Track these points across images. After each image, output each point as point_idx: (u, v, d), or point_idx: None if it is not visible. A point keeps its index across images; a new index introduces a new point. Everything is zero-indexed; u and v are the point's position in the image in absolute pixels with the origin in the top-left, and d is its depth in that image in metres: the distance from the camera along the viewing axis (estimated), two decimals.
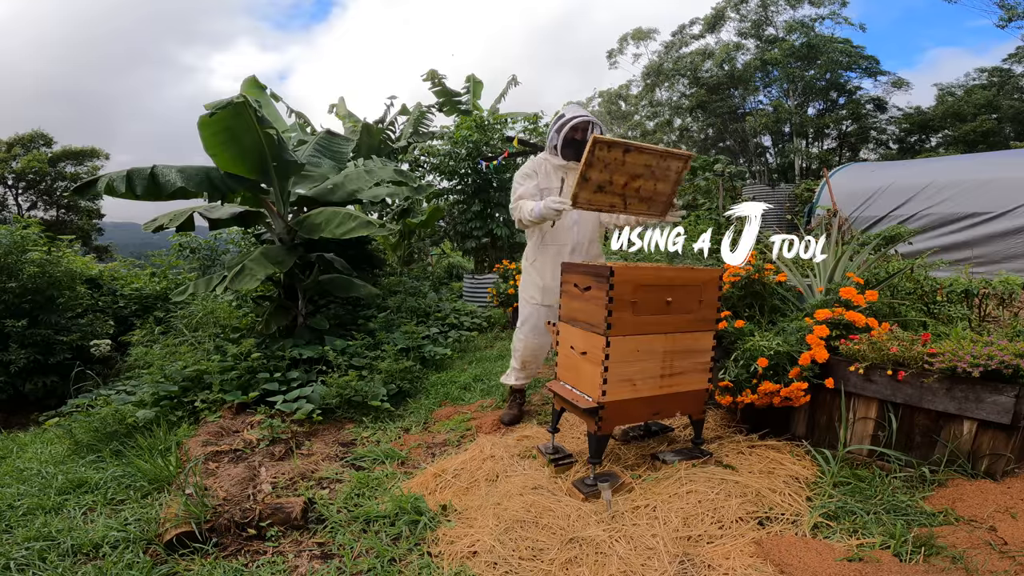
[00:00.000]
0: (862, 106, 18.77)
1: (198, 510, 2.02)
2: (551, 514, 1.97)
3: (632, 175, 2.39)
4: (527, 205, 2.77)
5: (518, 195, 2.87)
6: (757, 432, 2.55)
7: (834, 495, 1.96)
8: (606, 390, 2.11)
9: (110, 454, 2.82)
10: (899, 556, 1.60)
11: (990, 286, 2.94)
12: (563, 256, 2.88)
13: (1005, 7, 14.35)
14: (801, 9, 19.13)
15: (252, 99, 3.84)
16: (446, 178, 7.67)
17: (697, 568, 1.66)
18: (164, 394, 3.49)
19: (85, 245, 17.52)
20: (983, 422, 1.90)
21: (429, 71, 9.28)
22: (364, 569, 1.82)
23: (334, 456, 2.84)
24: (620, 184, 2.39)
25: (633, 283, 2.09)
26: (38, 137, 19.07)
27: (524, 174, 2.92)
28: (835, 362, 2.27)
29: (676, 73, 20.96)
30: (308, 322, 4.64)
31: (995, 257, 6.23)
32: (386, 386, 3.65)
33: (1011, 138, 14.86)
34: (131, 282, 6.46)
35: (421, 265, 8.51)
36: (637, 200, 2.50)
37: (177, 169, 3.85)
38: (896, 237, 4.84)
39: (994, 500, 1.77)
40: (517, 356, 3.11)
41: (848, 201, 7.55)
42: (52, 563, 1.90)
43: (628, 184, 2.41)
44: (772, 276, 2.86)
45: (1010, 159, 7.27)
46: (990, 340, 2.01)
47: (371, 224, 4.14)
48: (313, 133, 7.32)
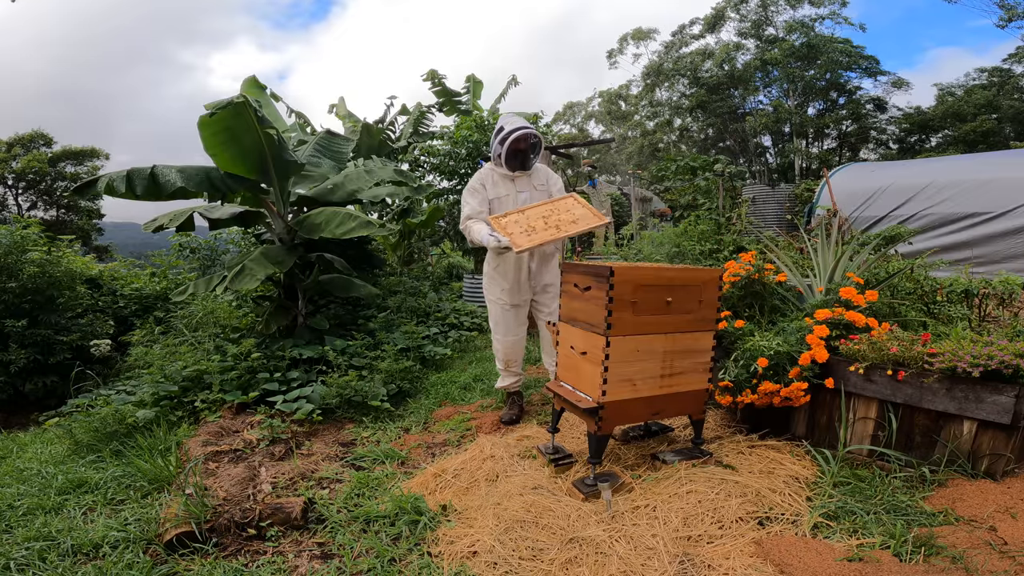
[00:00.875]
0: (862, 106, 18.79)
1: (198, 510, 2.02)
2: (551, 514, 1.97)
3: (542, 216, 2.69)
4: (476, 229, 2.92)
5: (466, 215, 3.01)
6: (757, 432, 2.55)
7: (834, 495, 1.96)
8: (606, 390, 2.11)
9: (110, 454, 2.82)
10: (899, 556, 1.60)
11: (990, 286, 2.93)
12: (523, 259, 3.01)
13: (1005, 7, 14.36)
14: (801, 9, 19.14)
15: (252, 99, 3.84)
16: (446, 178, 7.67)
17: (697, 568, 1.66)
18: (164, 394, 3.49)
19: (85, 245, 17.52)
20: (983, 422, 1.90)
21: (429, 71, 9.28)
22: (364, 569, 1.82)
23: (334, 456, 2.84)
24: (543, 223, 2.67)
25: (633, 283, 2.09)
26: (38, 137, 19.08)
27: (472, 189, 3.05)
28: (835, 362, 2.27)
29: (676, 73, 20.97)
30: (308, 322, 4.64)
31: (995, 257, 6.23)
32: (386, 386, 3.65)
33: (1011, 138, 14.87)
34: (131, 282, 6.45)
35: (421, 265, 8.51)
36: (569, 223, 2.73)
37: (177, 169, 3.85)
38: (896, 237, 4.84)
39: (994, 500, 1.77)
40: (499, 359, 3.22)
41: (848, 201, 7.55)
42: (52, 563, 1.90)
43: (548, 219, 2.71)
44: (772, 276, 2.86)
45: (1010, 159, 7.28)
46: (990, 340, 2.01)
47: (371, 224, 4.14)
48: (313, 133, 7.32)
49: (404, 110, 10.13)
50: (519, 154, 2.97)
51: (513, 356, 3.19)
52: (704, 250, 4.77)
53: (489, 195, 3.02)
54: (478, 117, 7.77)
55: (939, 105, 17.48)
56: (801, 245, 4.15)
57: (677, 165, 11.57)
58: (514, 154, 2.96)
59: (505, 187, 3.02)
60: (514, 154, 2.96)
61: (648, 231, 6.95)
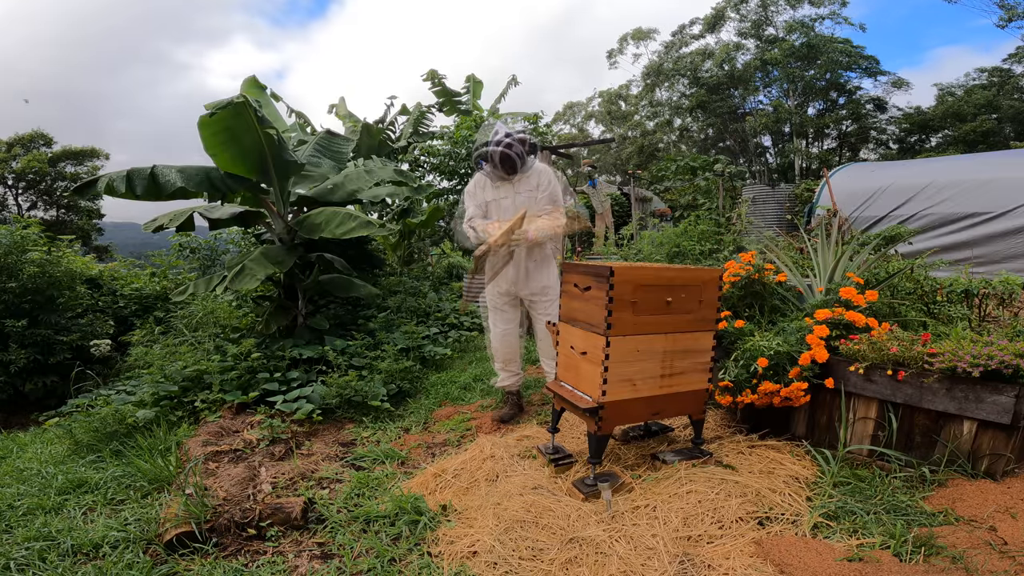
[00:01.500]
0: (862, 106, 18.79)
1: (198, 510, 2.02)
2: (551, 514, 1.97)
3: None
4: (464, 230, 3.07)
5: (469, 215, 3.11)
6: (757, 432, 2.55)
7: (834, 495, 1.96)
8: (606, 390, 2.11)
9: (110, 454, 2.82)
10: (899, 556, 1.60)
11: (990, 286, 2.93)
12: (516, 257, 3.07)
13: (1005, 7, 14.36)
14: (801, 9, 19.14)
15: (252, 99, 3.84)
16: (446, 178, 7.68)
17: (697, 568, 1.66)
18: (164, 394, 3.49)
19: (85, 245, 17.52)
20: (983, 422, 1.90)
21: (429, 71, 9.29)
22: (364, 569, 1.82)
23: (334, 456, 2.84)
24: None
25: (633, 283, 2.09)
26: (38, 137, 19.08)
27: (469, 193, 3.14)
28: (835, 362, 2.27)
29: (676, 73, 20.97)
30: (308, 322, 4.64)
31: (995, 257, 6.23)
32: (386, 386, 3.65)
33: (1011, 138, 14.87)
34: (131, 282, 6.45)
35: (421, 265, 8.51)
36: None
37: (177, 169, 3.85)
38: (896, 237, 4.84)
39: (994, 500, 1.77)
40: (497, 357, 3.25)
41: (848, 201, 7.55)
42: (52, 563, 1.89)
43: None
44: (772, 276, 2.86)
45: (1010, 159, 7.28)
46: (990, 340, 2.01)
47: (371, 224, 4.14)
48: (313, 133, 7.32)
49: (404, 110, 10.13)
50: (509, 159, 2.94)
51: (503, 352, 3.20)
52: (704, 250, 4.77)
53: (483, 198, 3.07)
54: (478, 117, 7.78)
55: (939, 105, 17.48)
56: (801, 245, 4.15)
57: (677, 165, 11.57)
58: (506, 159, 2.93)
59: (492, 192, 3.06)
60: (506, 159, 2.93)
61: (648, 231, 6.95)
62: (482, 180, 3.08)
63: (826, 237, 2.98)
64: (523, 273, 3.05)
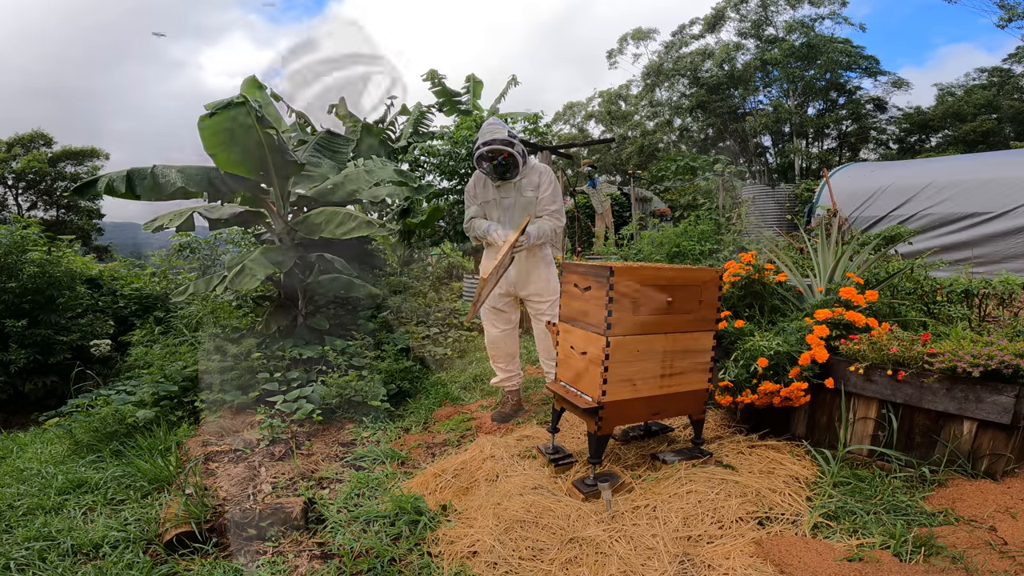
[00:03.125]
0: (862, 106, 18.79)
1: (198, 510, 2.02)
2: (551, 514, 1.97)
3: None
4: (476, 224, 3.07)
5: (470, 215, 3.13)
6: (757, 432, 2.55)
7: (834, 495, 1.96)
8: (606, 390, 2.11)
9: (110, 454, 2.82)
10: (899, 556, 1.60)
11: (990, 286, 2.94)
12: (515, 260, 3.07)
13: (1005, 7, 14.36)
14: (801, 9, 19.13)
15: (252, 99, 3.84)
16: (446, 178, 7.68)
17: (697, 568, 1.66)
18: (164, 394, 3.49)
19: (85, 245, 17.52)
20: (983, 422, 1.90)
21: (429, 71, 9.29)
22: (364, 569, 1.82)
23: (334, 456, 2.84)
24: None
25: (633, 283, 2.09)
26: (38, 137, 19.07)
27: (470, 194, 3.15)
28: (835, 362, 2.27)
29: (676, 73, 20.97)
30: (308, 322, 4.64)
31: (995, 257, 6.23)
32: (386, 386, 3.65)
33: (1011, 138, 14.87)
34: (131, 282, 6.45)
35: (421, 265, 8.51)
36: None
37: (177, 169, 3.85)
38: (896, 237, 4.84)
39: (994, 500, 1.77)
40: (496, 357, 3.26)
41: (848, 201, 7.55)
42: (52, 563, 1.90)
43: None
44: (772, 276, 2.86)
45: (1010, 159, 7.28)
46: (990, 340, 2.01)
47: (371, 224, 4.14)
48: (313, 133, 7.32)
49: (404, 110, 10.13)
50: (504, 163, 2.88)
51: (503, 352, 3.21)
52: (704, 250, 4.77)
53: (484, 198, 3.08)
54: (478, 117, 7.78)
55: (939, 105, 17.48)
56: (801, 245, 4.15)
57: (677, 165, 11.57)
58: (501, 163, 2.88)
59: (493, 192, 3.05)
60: (501, 163, 2.88)
61: (648, 231, 6.95)
62: (482, 179, 3.08)
63: (826, 237, 2.98)
64: (523, 274, 3.05)
